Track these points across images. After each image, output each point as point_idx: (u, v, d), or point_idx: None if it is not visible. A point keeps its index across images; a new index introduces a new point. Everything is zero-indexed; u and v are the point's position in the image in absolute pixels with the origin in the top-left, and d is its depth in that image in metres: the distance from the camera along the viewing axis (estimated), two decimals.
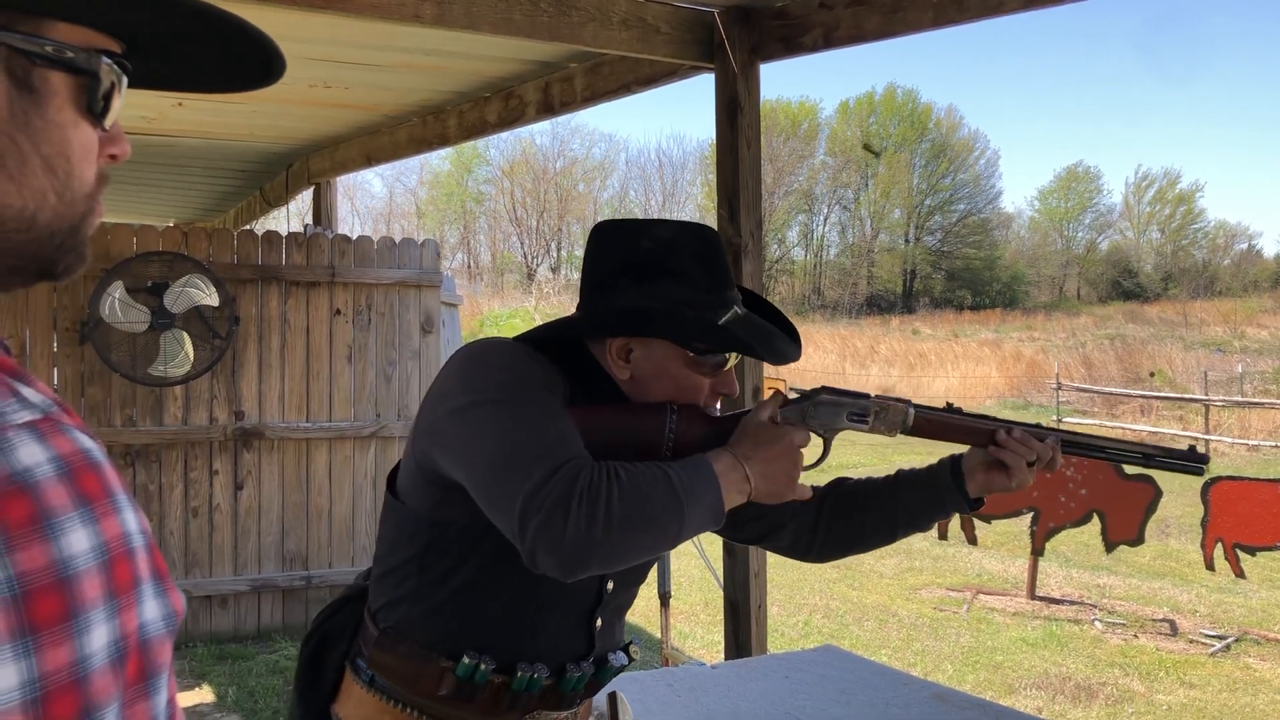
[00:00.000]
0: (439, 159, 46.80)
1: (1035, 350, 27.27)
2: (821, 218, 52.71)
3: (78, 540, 0.58)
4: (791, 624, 6.72)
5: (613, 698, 1.79)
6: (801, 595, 7.51)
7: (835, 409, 1.64)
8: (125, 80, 0.75)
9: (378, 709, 1.51)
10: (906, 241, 51.62)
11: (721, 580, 3.47)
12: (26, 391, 0.60)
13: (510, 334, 1.62)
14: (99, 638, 0.58)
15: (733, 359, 1.59)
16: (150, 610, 0.62)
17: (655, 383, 1.53)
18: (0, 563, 0.55)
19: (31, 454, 0.58)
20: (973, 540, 7.21)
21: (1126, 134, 79.90)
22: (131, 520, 0.62)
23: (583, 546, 1.28)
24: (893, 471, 1.76)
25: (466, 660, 1.47)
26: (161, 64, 0.79)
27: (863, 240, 51.87)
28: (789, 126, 50.68)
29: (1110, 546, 6.27)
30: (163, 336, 5.29)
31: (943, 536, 7.83)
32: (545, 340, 1.52)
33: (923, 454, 14.27)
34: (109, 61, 0.73)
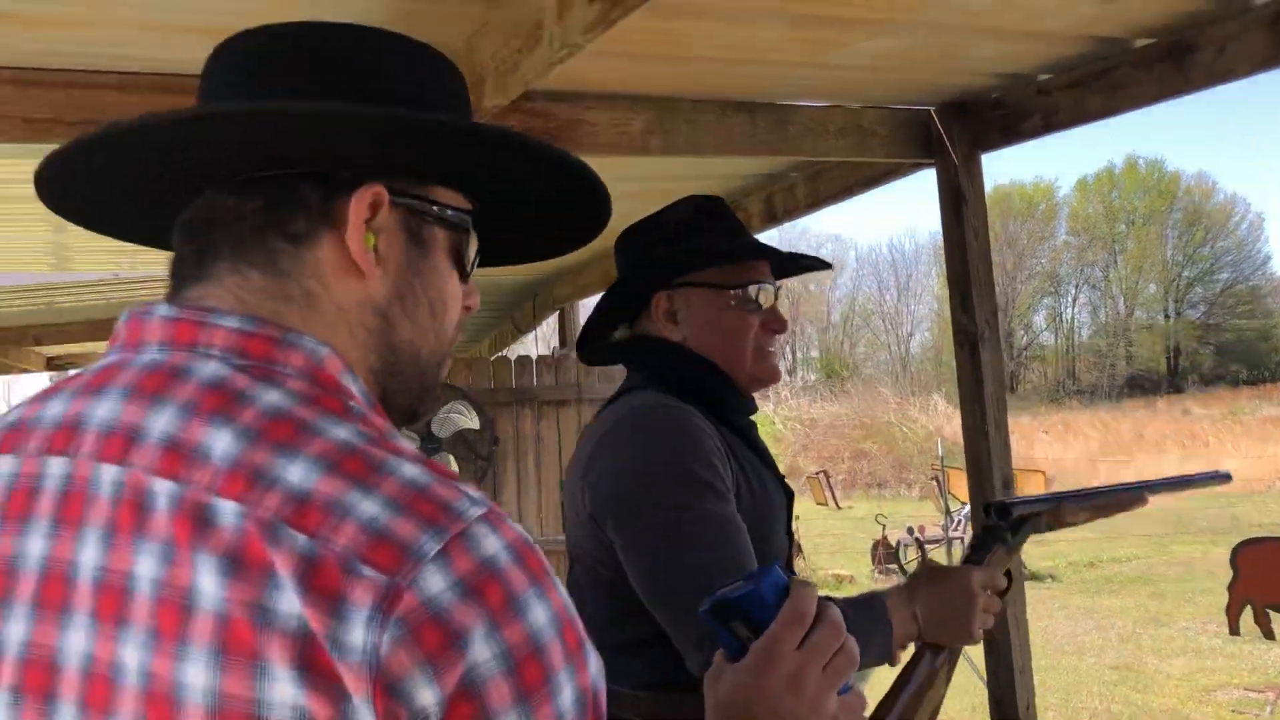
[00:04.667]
0: None
1: None
2: (1069, 299, 50.46)
3: (539, 614, 0.66)
4: None
5: None
6: (1079, 698, 7.06)
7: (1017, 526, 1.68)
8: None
9: None
10: (1166, 317, 48.54)
11: (984, 676, 3.36)
12: (469, 490, 0.70)
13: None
14: (568, 696, 0.67)
15: (768, 299, 1.67)
16: (594, 664, 0.70)
17: (707, 332, 1.63)
18: (495, 639, 0.63)
19: (491, 544, 0.66)
20: (1269, 634, 6.58)
21: None
22: (563, 591, 0.70)
23: None
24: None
25: None
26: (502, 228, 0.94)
27: (1117, 319, 49.19)
28: (1025, 209, 49.17)
29: None
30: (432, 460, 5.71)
31: (1234, 631, 7.18)
32: (672, 382, 1.61)
33: (1205, 542, 13.15)
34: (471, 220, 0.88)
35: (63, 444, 0.71)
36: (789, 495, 1.72)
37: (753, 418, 1.76)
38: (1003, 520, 1.65)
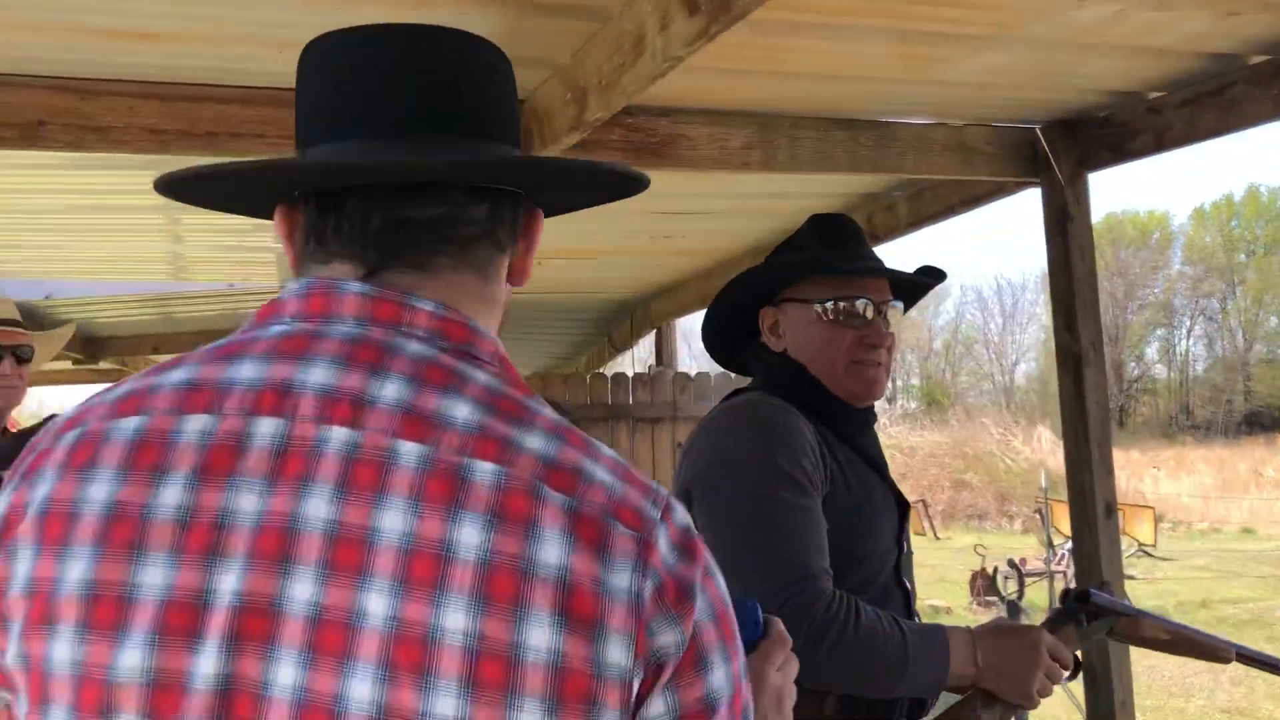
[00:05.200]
0: None
1: None
2: (1184, 330, 48.76)
3: (720, 580, 0.78)
4: None
5: None
6: None
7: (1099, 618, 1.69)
8: None
9: None
10: None
11: (1083, 708, 3.27)
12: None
13: None
14: (741, 656, 0.78)
15: (870, 312, 1.70)
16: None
17: (802, 345, 1.71)
18: (704, 594, 0.75)
19: (684, 516, 0.77)
20: None
21: None
22: None
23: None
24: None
25: None
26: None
27: (1235, 353, 47.34)
28: (1138, 237, 47.81)
29: None
30: None
31: None
32: (777, 388, 1.69)
33: None
34: None
35: (273, 406, 0.75)
36: (902, 505, 1.75)
37: (875, 428, 1.81)
38: (1079, 605, 1.68)
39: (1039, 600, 10.90)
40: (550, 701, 0.67)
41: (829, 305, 1.69)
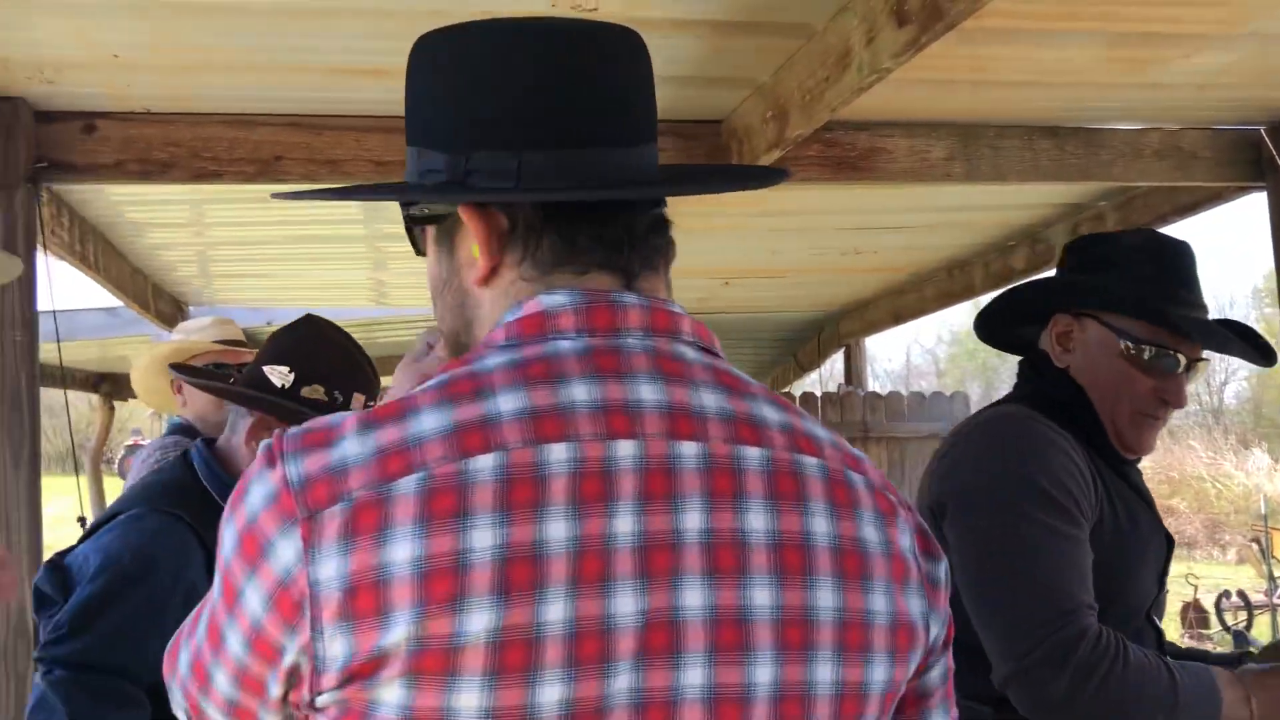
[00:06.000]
0: (957, 314, 46.52)
1: None
2: None
3: None
4: None
5: None
6: None
7: None
8: None
9: None
10: None
11: None
12: None
13: None
14: None
15: (1181, 366, 1.55)
16: None
17: (1092, 372, 1.56)
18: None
19: None
20: None
21: None
22: None
23: (1056, 707, 1.32)
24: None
25: None
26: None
27: None
28: None
29: None
30: None
31: None
32: (1045, 404, 1.56)
33: None
34: None
35: (626, 428, 0.76)
36: (1169, 543, 1.65)
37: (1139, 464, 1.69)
38: None
39: (1261, 636, 10.16)
40: (890, 653, 0.79)
41: (1141, 348, 1.54)
